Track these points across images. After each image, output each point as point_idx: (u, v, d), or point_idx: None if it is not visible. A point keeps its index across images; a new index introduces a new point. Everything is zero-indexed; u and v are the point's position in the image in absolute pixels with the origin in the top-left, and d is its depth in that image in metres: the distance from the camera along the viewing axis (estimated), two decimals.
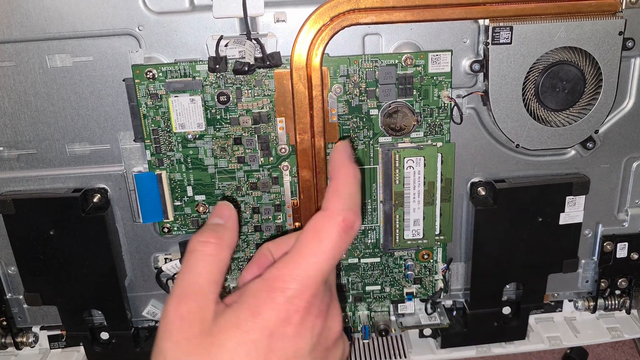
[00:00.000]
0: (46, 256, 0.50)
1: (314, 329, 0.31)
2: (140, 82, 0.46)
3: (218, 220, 0.34)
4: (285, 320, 0.30)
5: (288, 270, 0.30)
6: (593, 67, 0.47)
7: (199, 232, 0.33)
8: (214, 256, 0.32)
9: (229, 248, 0.33)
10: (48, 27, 0.45)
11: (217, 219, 0.35)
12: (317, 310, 0.32)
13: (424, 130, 0.49)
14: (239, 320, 0.30)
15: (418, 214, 0.51)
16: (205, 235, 0.32)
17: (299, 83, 0.46)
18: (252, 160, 0.49)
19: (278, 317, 0.30)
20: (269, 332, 0.29)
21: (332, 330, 0.33)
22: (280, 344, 0.30)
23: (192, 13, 0.46)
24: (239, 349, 0.29)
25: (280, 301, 0.30)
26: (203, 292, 0.31)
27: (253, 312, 0.30)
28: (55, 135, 0.49)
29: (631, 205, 0.55)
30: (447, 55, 0.47)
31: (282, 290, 0.30)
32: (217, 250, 0.32)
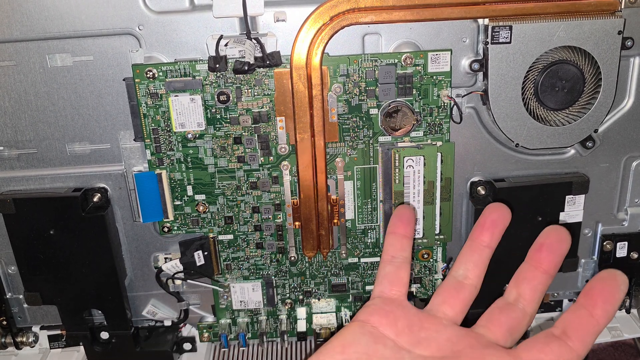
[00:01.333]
0: (46, 256, 0.50)
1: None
2: (141, 81, 0.46)
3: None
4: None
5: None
6: (592, 67, 0.47)
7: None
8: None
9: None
10: (48, 27, 0.45)
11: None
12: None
13: (423, 129, 0.49)
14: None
15: (418, 213, 0.51)
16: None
17: (298, 82, 0.46)
18: (252, 160, 0.49)
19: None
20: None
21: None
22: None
23: (192, 13, 0.46)
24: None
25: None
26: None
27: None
28: (56, 134, 0.49)
29: (631, 204, 0.55)
30: (446, 55, 0.47)
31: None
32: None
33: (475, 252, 0.30)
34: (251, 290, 0.54)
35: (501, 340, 0.28)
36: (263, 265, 0.54)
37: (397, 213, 0.32)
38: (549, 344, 0.26)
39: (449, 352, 0.26)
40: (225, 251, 0.53)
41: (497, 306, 0.29)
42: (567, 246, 0.28)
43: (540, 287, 0.28)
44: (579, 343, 0.26)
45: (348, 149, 0.49)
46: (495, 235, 0.30)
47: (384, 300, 0.29)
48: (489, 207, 0.30)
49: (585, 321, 0.26)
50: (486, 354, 0.26)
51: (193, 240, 0.52)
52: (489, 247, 0.30)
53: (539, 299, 0.29)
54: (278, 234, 0.52)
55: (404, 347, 0.27)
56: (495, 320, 0.28)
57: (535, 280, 0.28)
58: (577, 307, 0.26)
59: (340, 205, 0.51)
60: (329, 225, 0.51)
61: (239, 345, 0.58)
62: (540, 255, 0.28)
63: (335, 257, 0.54)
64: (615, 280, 0.26)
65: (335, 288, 0.55)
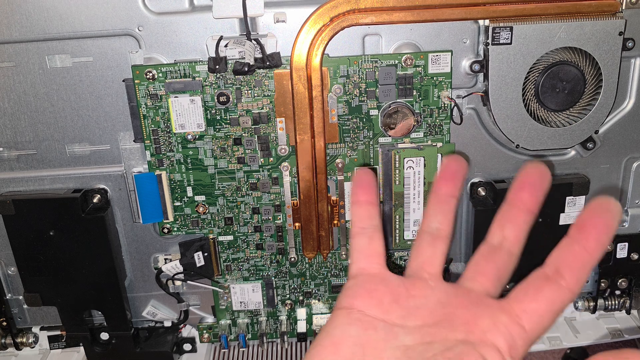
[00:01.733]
0: (46, 257, 0.50)
1: None
2: (140, 82, 0.46)
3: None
4: None
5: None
6: (593, 68, 0.47)
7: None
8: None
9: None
10: (48, 28, 0.45)
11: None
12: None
13: (424, 130, 0.49)
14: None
15: (418, 214, 0.51)
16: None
17: (298, 83, 0.46)
18: (252, 161, 0.49)
19: None
20: None
21: None
22: None
23: (192, 13, 0.46)
24: None
25: None
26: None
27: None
28: (55, 135, 0.49)
29: (631, 205, 0.54)
30: (447, 56, 0.47)
31: None
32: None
33: (442, 204, 0.29)
34: (251, 291, 0.54)
35: (491, 289, 0.27)
36: (263, 266, 0.54)
37: (356, 179, 0.30)
38: (542, 290, 0.25)
39: (441, 316, 0.26)
40: (225, 252, 0.53)
41: (481, 255, 0.28)
42: (548, 182, 0.27)
43: (524, 227, 0.27)
44: (573, 280, 0.25)
45: (348, 150, 0.49)
46: (458, 185, 0.29)
47: (364, 279, 0.28)
48: (446, 157, 0.30)
49: (579, 256, 0.25)
50: (478, 312, 0.25)
51: (193, 241, 0.52)
52: (454, 197, 0.29)
53: (523, 238, 0.28)
54: (278, 235, 0.52)
55: (396, 323, 0.26)
56: (482, 271, 0.27)
57: (519, 220, 0.27)
58: (569, 242, 0.25)
59: (340, 206, 0.51)
60: (329, 226, 0.51)
61: (239, 346, 0.58)
62: (522, 194, 0.27)
63: (335, 258, 0.54)
64: (608, 209, 0.24)
65: (335, 289, 0.55)
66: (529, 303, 0.25)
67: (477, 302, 0.26)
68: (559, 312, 0.25)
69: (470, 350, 0.24)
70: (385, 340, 0.25)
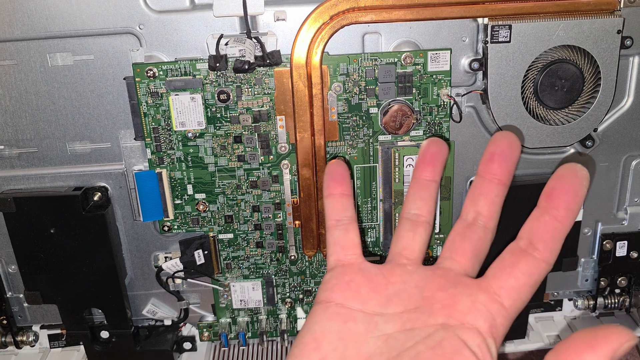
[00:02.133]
0: (46, 254, 0.50)
1: None
2: (141, 80, 0.46)
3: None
4: None
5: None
6: (592, 66, 0.47)
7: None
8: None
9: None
10: (49, 26, 0.45)
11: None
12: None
13: (423, 128, 0.49)
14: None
15: None
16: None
17: (298, 81, 0.46)
18: (252, 159, 0.49)
19: None
20: None
21: None
22: None
23: (193, 12, 0.46)
24: None
25: None
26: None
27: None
28: (56, 133, 0.49)
29: (630, 203, 0.55)
30: (446, 54, 0.47)
31: None
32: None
33: (422, 189, 0.29)
34: (251, 289, 0.54)
35: (469, 268, 0.27)
36: (263, 264, 0.54)
37: (329, 172, 0.30)
38: (517, 264, 0.25)
39: (419, 300, 0.25)
40: (225, 250, 0.53)
41: (457, 233, 0.27)
42: (518, 151, 0.27)
43: (497, 200, 0.27)
44: (547, 251, 0.24)
45: (348, 148, 0.49)
46: (438, 169, 0.29)
47: (341, 270, 0.28)
48: (426, 142, 0.29)
49: (551, 227, 0.24)
50: (457, 293, 0.25)
51: (193, 239, 0.52)
52: (434, 181, 0.29)
53: (497, 212, 0.27)
54: (278, 233, 0.52)
55: (375, 312, 0.25)
56: (459, 249, 0.27)
57: (492, 194, 0.27)
58: (539, 213, 0.25)
59: None
60: None
61: (239, 344, 0.58)
62: (493, 166, 0.27)
63: None
64: (576, 175, 0.24)
65: None
66: (506, 279, 0.25)
67: (455, 283, 0.26)
68: (536, 284, 0.25)
69: (450, 336, 0.24)
70: (366, 332, 0.25)
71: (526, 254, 0.25)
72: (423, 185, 0.29)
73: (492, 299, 0.25)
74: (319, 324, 0.26)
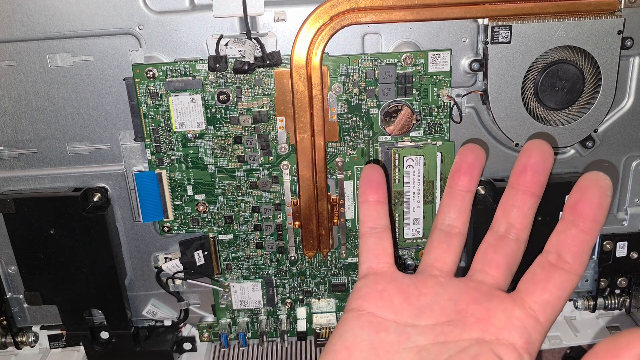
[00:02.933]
0: (46, 255, 0.50)
1: None
2: (141, 81, 0.46)
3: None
4: None
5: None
6: (592, 66, 0.47)
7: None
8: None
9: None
10: (49, 27, 0.45)
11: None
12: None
13: (423, 129, 0.49)
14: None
15: (418, 213, 0.51)
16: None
17: (298, 82, 0.46)
18: (252, 160, 0.49)
19: None
20: None
21: None
22: None
23: (192, 12, 0.46)
24: None
25: None
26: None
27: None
28: (56, 134, 0.49)
29: (630, 204, 0.55)
30: (446, 55, 0.47)
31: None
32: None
33: (456, 199, 0.28)
34: (251, 290, 0.54)
35: (502, 281, 0.26)
36: (263, 265, 0.54)
37: (365, 177, 0.30)
38: (550, 279, 0.24)
39: (453, 314, 0.25)
40: (225, 251, 0.53)
41: (488, 245, 0.27)
42: (552, 162, 0.26)
43: (530, 212, 0.27)
44: (577, 263, 0.24)
45: (348, 149, 0.49)
46: (474, 179, 0.28)
47: (373, 279, 0.28)
48: (462, 149, 0.28)
49: (579, 239, 0.24)
50: (491, 308, 0.25)
51: (193, 240, 0.52)
52: (470, 192, 0.28)
53: (530, 224, 0.27)
54: (278, 233, 0.52)
55: (407, 322, 0.25)
56: (492, 262, 0.27)
57: (525, 206, 0.26)
58: (565, 226, 0.24)
59: (340, 204, 0.51)
60: (328, 225, 0.51)
61: (239, 345, 0.58)
62: (525, 178, 0.26)
63: (335, 256, 0.54)
64: (599, 185, 0.24)
65: (335, 288, 0.55)
66: (540, 294, 0.24)
67: (489, 296, 0.25)
68: (568, 296, 0.25)
69: (485, 351, 0.23)
70: (398, 342, 0.25)
71: (557, 268, 0.24)
72: (458, 195, 0.28)
73: (528, 314, 0.24)
74: (350, 332, 0.26)
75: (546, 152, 0.26)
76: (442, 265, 0.28)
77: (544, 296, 0.24)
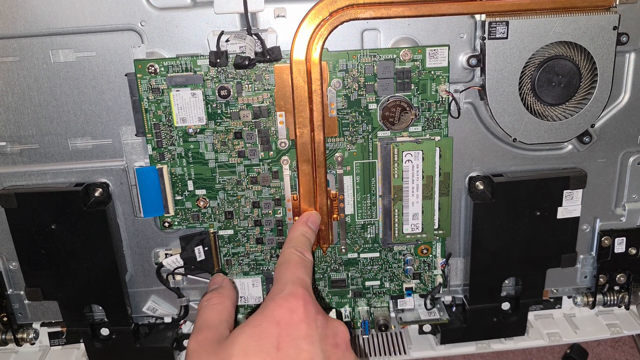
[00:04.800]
0: (47, 250, 0.51)
1: (317, 320, 0.35)
2: (142, 76, 0.47)
3: (215, 286, 0.46)
4: (290, 310, 0.35)
5: (279, 281, 0.39)
6: (588, 62, 0.48)
7: (204, 295, 0.43)
8: (218, 304, 0.41)
9: (230, 298, 0.42)
10: (52, 23, 0.46)
11: (214, 285, 0.46)
12: (315, 307, 0.36)
13: (422, 124, 0.49)
14: (248, 320, 0.35)
15: (417, 208, 0.51)
16: (208, 295, 0.43)
17: (298, 77, 0.46)
18: (252, 155, 0.50)
19: (282, 308, 0.35)
20: (276, 321, 0.34)
21: (339, 330, 0.36)
22: (289, 330, 0.33)
23: (194, 9, 0.46)
24: (249, 340, 0.33)
25: (281, 296, 0.36)
26: (214, 325, 0.38)
27: (259, 311, 0.35)
28: (58, 129, 0.49)
29: (628, 200, 0.55)
30: (444, 50, 0.47)
31: (280, 290, 0.37)
32: (220, 299, 0.41)
33: None
34: (251, 285, 0.55)
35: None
36: (263, 260, 0.54)
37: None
38: None
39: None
40: (225, 246, 0.53)
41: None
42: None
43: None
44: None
45: (347, 144, 0.50)
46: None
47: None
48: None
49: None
50: None
51: (193, 236, 0.52)
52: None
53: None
54: (278, 229, 0.53)
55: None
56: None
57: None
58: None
59: (340, 200, 0.52)
60: (328, 220, 0.52)
61: None
62: None
63: (335, 252, 0.54)
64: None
65: (334, 284, 0.55)
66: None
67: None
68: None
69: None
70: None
71: None
72: None
73: None
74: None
75: None
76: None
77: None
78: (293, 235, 0.46)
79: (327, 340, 0.35)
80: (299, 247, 0.43)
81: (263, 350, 0.32)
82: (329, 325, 0.36)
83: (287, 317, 0.34)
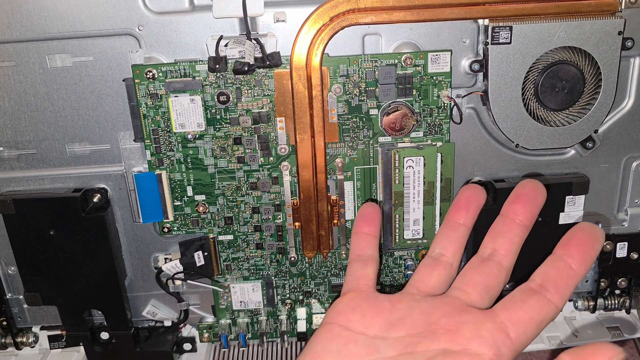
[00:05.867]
0: (46, 256, 0.50)
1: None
2: (140, 82, 0.46)
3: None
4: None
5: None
6: (592, 67, 0.47)
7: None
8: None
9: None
10: (48, 27, 0.45)
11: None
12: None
13: (423, 130, 0.49)
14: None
15: (418, 213, 0.51)
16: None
17: (298, 83, 0.46)
18: (252, 160, 0.49)
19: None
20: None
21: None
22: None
23: (192, 13, 0.46)
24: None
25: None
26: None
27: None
28: (55, 135, 0.49)
29: (631, 204, 0.55)
30: (446, 55, 0.47)
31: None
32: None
33: (450, 230, 0.30)
34: (251, 290, 0.54)
35: (477, 301, 0.27)
36: (263, 265, 0.54)
37: (360, 212, 0.32)
38: (527, 300, 0.25)
39: (423, 326, 0.26)
40: (225, 252, 0.53)
41: (471, 265, 0.28)
42: (543, 198, 0.28)
43: (516, 240, 0.28)
44: (557, 296, 0.25)
45: (348, 150, 0.49)
46: (470, 213, 0.30)
47: (351, 296, 0.29)
48: (463, 188, 0.31)
49: (564, 273, 0.25)
50: (462, 321, 0.25)
51: (193, 241, 0.52)
52: (465, 225, 0.30)
53: (515, 252, 0.28)
54: (278, 234, 0.52)
55: (377, 335, 0.26)
56: (470, 281, 0.27)
57: (511, 233, 0.28)
58: (554, 259, 0.26)
59: (340, 205, 0.51)
60: (328, 226, 0.51)
61: (239, 345, 0.58)
62: (516, 206, 0.28)
63: (335, 257, 0.54)
64: (593, 231, 0.26)
65: (335, 288, 0.55)
66: (515, 311, 0.25)
67: (460, 311, 0.26)
68: (542, 323, 0.25)
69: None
70: (366, 354, 0.26)
71: (537, 293, 0.25)
72: (452, 227, 0.30)
73: (498, 328, 0.25)
74: (320, 344, 0.27)
75: (539, 188, 0.28)
76: (421, 285, 0.29)
77: (518, 313, 0.25)
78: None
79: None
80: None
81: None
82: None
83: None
